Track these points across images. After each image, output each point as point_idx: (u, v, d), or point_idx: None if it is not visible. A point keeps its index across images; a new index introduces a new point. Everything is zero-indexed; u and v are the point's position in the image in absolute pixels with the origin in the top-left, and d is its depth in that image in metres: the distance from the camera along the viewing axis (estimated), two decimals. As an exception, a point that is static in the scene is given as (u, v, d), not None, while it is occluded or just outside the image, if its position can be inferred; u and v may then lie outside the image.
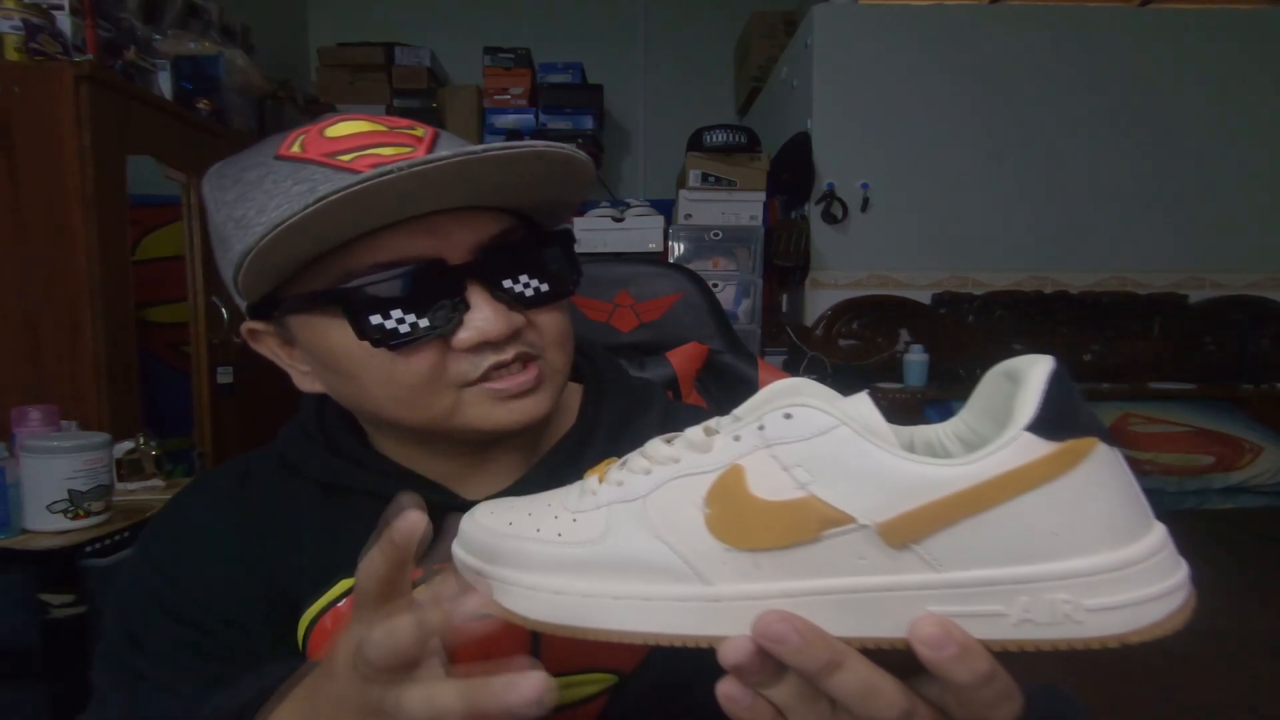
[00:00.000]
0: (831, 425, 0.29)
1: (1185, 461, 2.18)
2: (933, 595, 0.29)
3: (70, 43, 1.72)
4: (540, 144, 0.44)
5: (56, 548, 1.24)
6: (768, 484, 0.30)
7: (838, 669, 0.29)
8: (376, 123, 0.49)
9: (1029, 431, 0.28)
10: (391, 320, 0.47)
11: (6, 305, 1.65)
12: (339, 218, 0.43)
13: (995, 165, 2.77)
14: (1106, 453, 0.28)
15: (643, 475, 0.33)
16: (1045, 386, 0.28)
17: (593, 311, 0.87)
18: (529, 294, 0.49)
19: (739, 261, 2.65)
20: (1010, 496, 0.28)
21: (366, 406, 0.52)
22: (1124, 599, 0.28)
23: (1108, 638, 0.28)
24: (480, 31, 3.70)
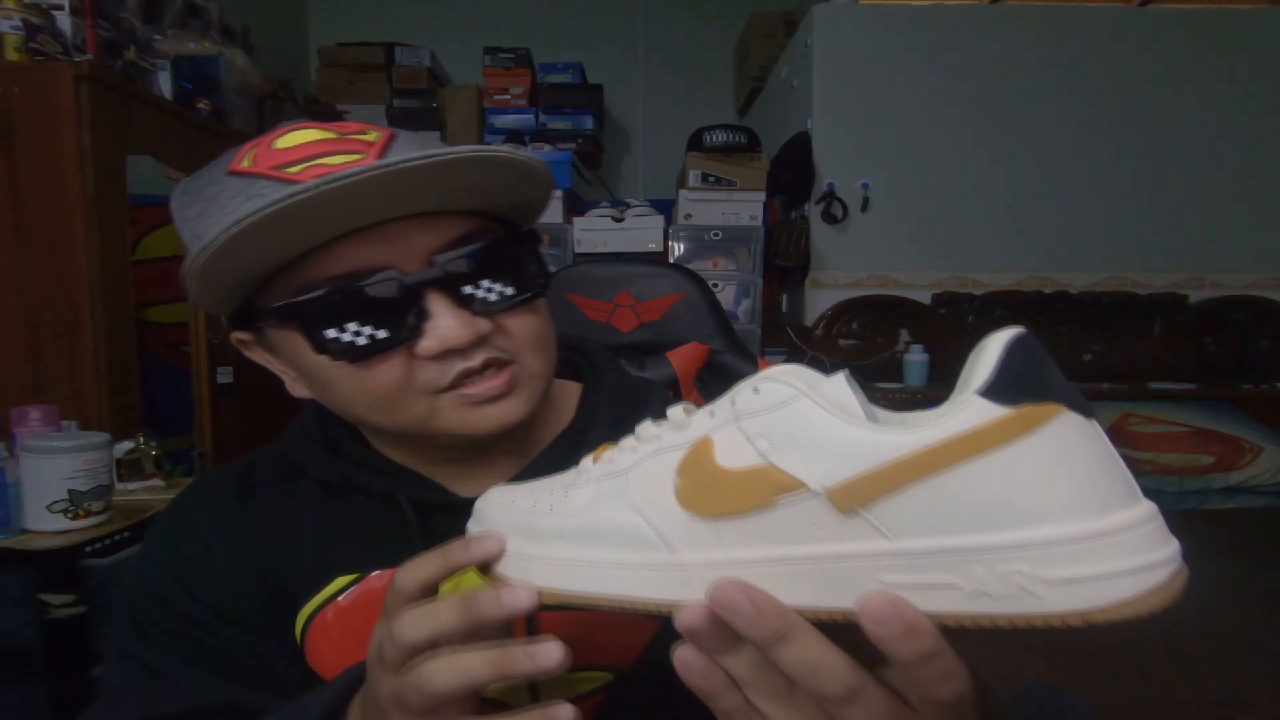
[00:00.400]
0: (793, 396, 0.30)
1: (1185, 461, 2.18)
2: (885, 565, 0.28)
3: (70, 43, 1.72)
4: (470, 149, 0.44)
5: (56, 548, 1.24)
6: (733, 454, 0.31)
7: (787, 642, 0.29)
8: (327, 130, 0.49)
9: (981, 396, 0.27)
10: (348, 333, 0.46)
11: (6, 305, 1.65)
12: (277, 233, 0.42)
13: (995, 165, 2.77)
14: (1075, 421, 0.27)
15: (630, 453, 0.35)
16: (1002, 353, 0.28)
17: (593, 311, 0.87)
18: (494, 299, 0.49)
19: (739, 261, 2.65)
20: (958, 461, 0.27)
21: (348, 412, 0.52)
22: (1088, 572, 0.26)
23: (1069, 614, 0.26)
24: (480, 31, 3.71)
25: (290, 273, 0.47)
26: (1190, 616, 1.41)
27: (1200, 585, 0.29)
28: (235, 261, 0.44)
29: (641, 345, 0.85)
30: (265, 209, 0.40)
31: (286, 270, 0.47)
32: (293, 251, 0.46)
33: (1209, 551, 1.73)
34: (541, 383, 0.52)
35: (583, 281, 0.88)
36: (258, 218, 0.40)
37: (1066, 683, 1.13)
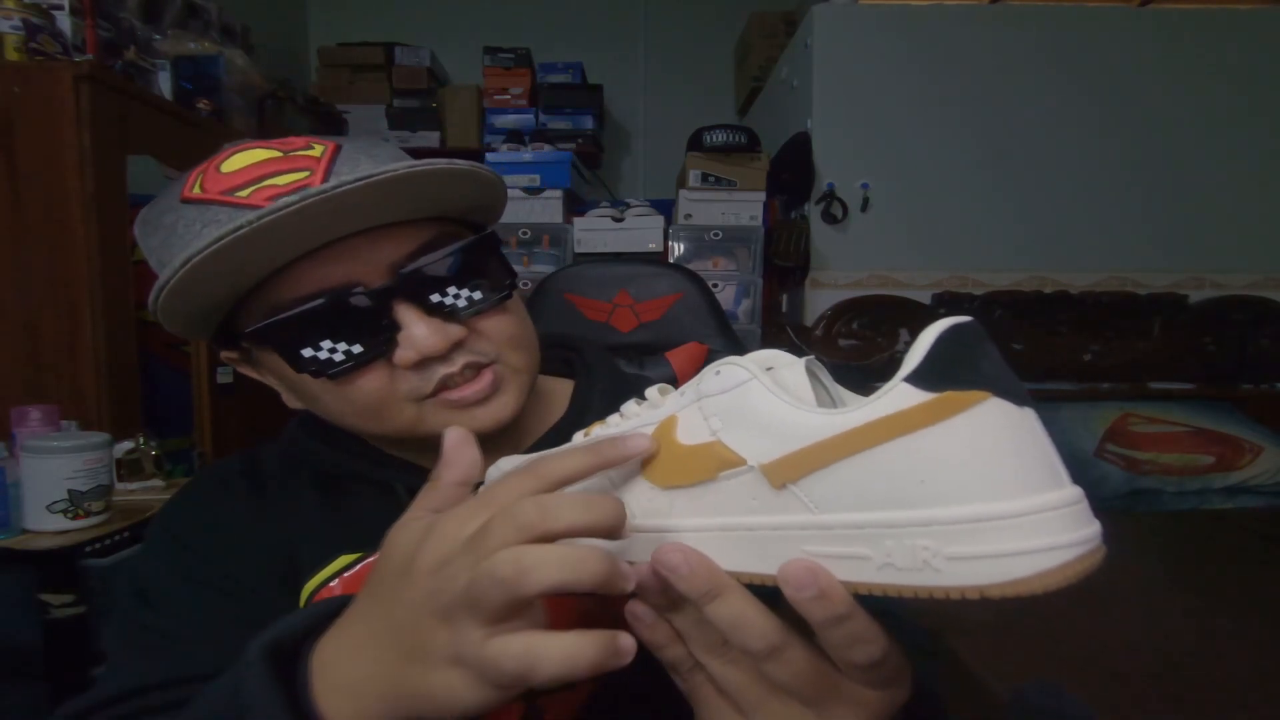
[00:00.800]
0: (745, 379, 0.33)
1: (1185, 461, 2.18)
2: (809, 535, 0.31)
3: (70, 43, 1.72)
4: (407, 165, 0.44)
5: (56, 548, 1.25)
6: (691, 431, 0.34)
7: (716, 598, 0.32)
8: (272, 149, 0.49)
9: (906, 381, 0.29)
10: (324, 351, 0.47)
11: (6, 305, 1.65)
12: (231, 262, 0.43)
13: (995, 165, 2.77)
14: (1002, 408, 0.28)
15: (613, 429, 0.38)
16: (933, 342, 0.29)
17: (592, 311, 0.87)
18: (462, 304, 0.49)
19: (739, 261, 2.65)
20: (880, 442, 0.29)
21: (339, 422, 0.53)
22: (987, 550, 0.27)
23: (966, 588, 0.28)
24: (480, 31, 3.70)
25: (260, 293, 0.48)
26: (1190, 616, 1.41)
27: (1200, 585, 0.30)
28: (196, 294, 0.45)
29: (641, 345, 0.85)
30: (208, 247, 0.41)
31: (257, 291, 0.48)
32: (254, 276, 0.46)
33: (1209, 551, 1.73)
34: (526, 377, 0.53)
35: (582, 281, 0.89)
36: (202, 256, 0.41)
37: (1066, 683, 1.13)
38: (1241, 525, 1.92)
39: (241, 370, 0.56)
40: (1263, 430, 2.33)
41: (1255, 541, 1.80)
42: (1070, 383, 2.64)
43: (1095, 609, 1.39)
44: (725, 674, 0.34)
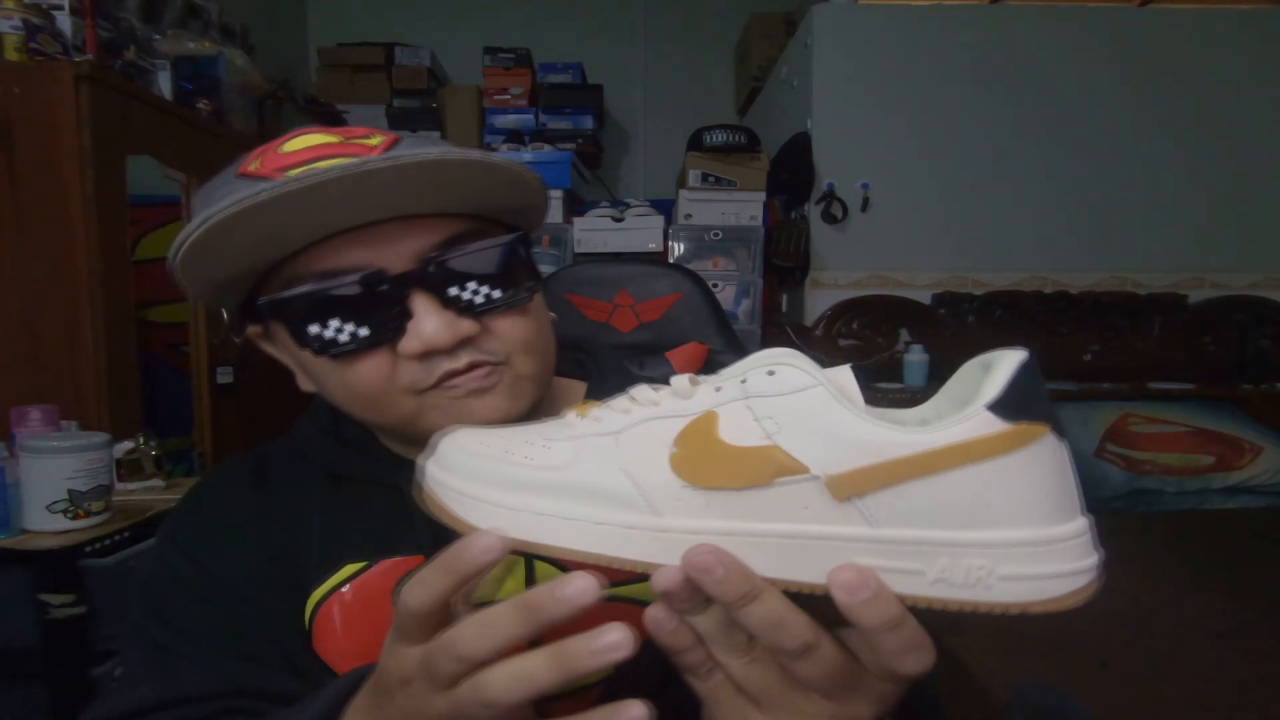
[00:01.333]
0: (809, 384, 0.32)
1: (1185, 461, 2.18)
2: (862, 549, 0.31)
3: (70, 43, 1.72)
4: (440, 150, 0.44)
5: (56, 548, 1.24)
6: (737, 431, 0.32)
7: (753, 601, 0.31)
8: (332, 134, 0.49)
9: (989, 410, 0.30)
10: (330, 330, 0.47)
11: (6, 305, 1.65)
12: (250, 230, 0.43)
13: (995, 165, 2.77)
14: (1054, 441, 0.31)
15: (622, 414, 0.35)
16: (1014, 373, 0.31)
17: (592, 311, 0.87)
18: (479, 300, 0.49)
19: (739, 261, 2.65)
20: (956, 465, 0.30)
21: (341, 407, 0.53)
22: (1033, 572, 0.30)
23: (1011, 604, 0.30)
24: (480, 31, 3.70)
25: (283, 268, 0.48)
26: (1190, 616, 1.41)
27: (1200, 585, 0.31)
28: (214, 259, 0.45)
29: (641, 345, 0.85)
30: (223, 210, 0.41)
31: (281, 266, 0.48)
32: (279, 249, 0.47)
33: (1209, 551, 1.73)
34: (531, 385, 0.52)
35: (582, 281, 0.89)
36: (219, 217, 0.42)
37: (1066, 683, 1.13)
38: (1241, 525, 1.92)
39: (262, 347, 0.55)
40: (1263, 430, 2.33)
41: (1255, 541, 1.80)
42: (1070, 383, 2.64)
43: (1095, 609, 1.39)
44: (749, 673, 0.34)
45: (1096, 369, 2.75)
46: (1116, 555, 0.32)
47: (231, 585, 0.53)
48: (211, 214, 0.42)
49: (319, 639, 0.52)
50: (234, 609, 0.53)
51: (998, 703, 1.06)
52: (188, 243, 0.43)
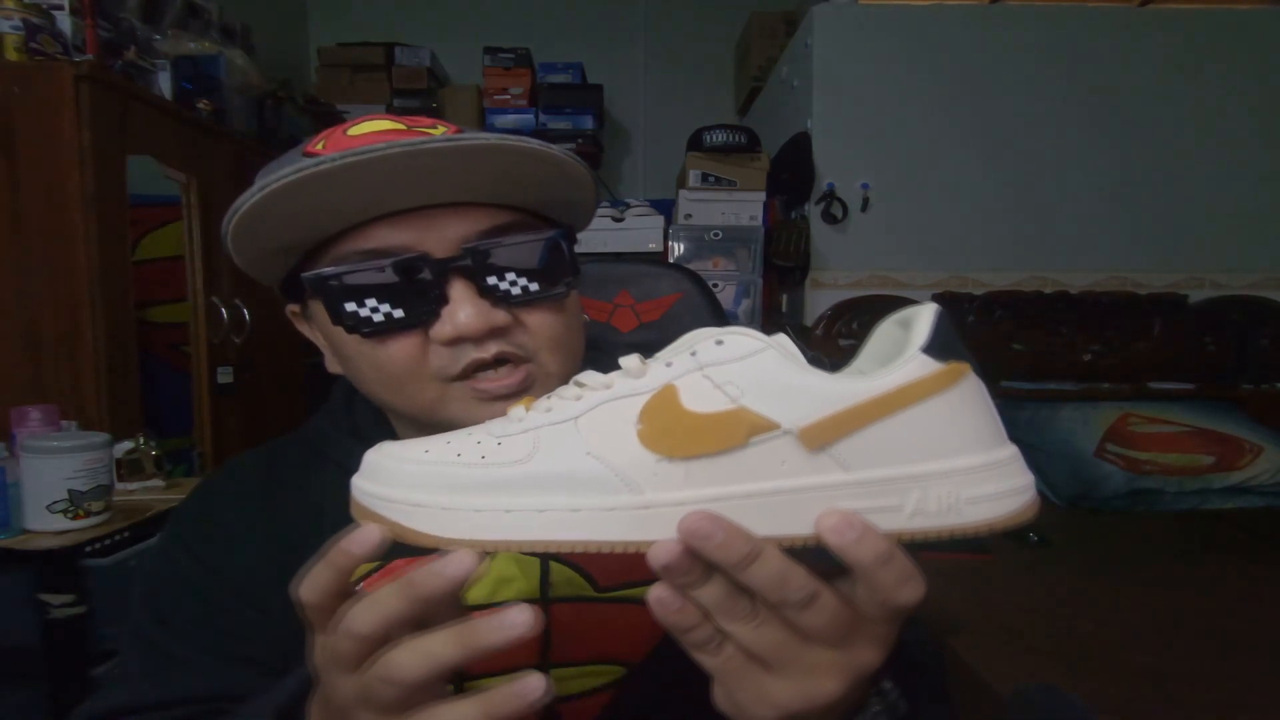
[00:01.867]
0: (760, 348, 0.34)
1: (1185, 461, 2.18)
2: (842, 494, 0.33)
3: (70, 43, 1.72)
4: (498, 137, 0.45)
5: (56, 548, 1.25)
6: (701, 399, 0.34)
7: (756, 559, 0.32)
8: (399, 122, 0.50)
9: (924, 353, 0.33)
10: (366, 308, 0.48)
11: (6, 305, 1.65)
12: (304, 201, 0.44)
13: (995, 165, 2.77)
14: (975, 378, 0.34)
15: (573, 401, 0.36)
16: (935, 321, 0.34)
17: (593, 311, 0.87)
18: (516, 292, 0.49)
19: (739, 261, 2.65)
20: (908, 404, 0.33)
21: (364, 389, 0.54)
22: (991, 491, 0.33)
23: (980, 524, 0.33)
24: (480, 31, 3.70)
25: (329, 246, 0.49)
26: (1190, 616, 1.40)
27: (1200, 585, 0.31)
28: (269, 227, 0.46)
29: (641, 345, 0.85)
30: (286, 176, 0.43)
31: (326, 244, 0.49)
32: (330, 224, 0.48)
33: (1209, 551, 1.73)
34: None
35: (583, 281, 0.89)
36: (278, 185, 0.43)
37: (1066, 683, 1.13)
38: (1241, 525, 1.92)
39: (298, 326, 0.56)
40: (1263, 430, 2.32)
41: (1255, 541, 1.80)
42: (1070, 383, 2.64)
43: (1095, 609, 1.39)
44: (758, 637, 0.34)
45: (1096, 369, 2.75)
46: (1117, 555, 0.33)
47: (237, 586, 0.53)
48: (270, 181, 0.43)
49: None
50: (237, 610, 0.52)
51: (998, 703, 1.06)
52: (244, 208, 0.44)
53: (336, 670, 0.35)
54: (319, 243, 0.49)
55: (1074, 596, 1.45)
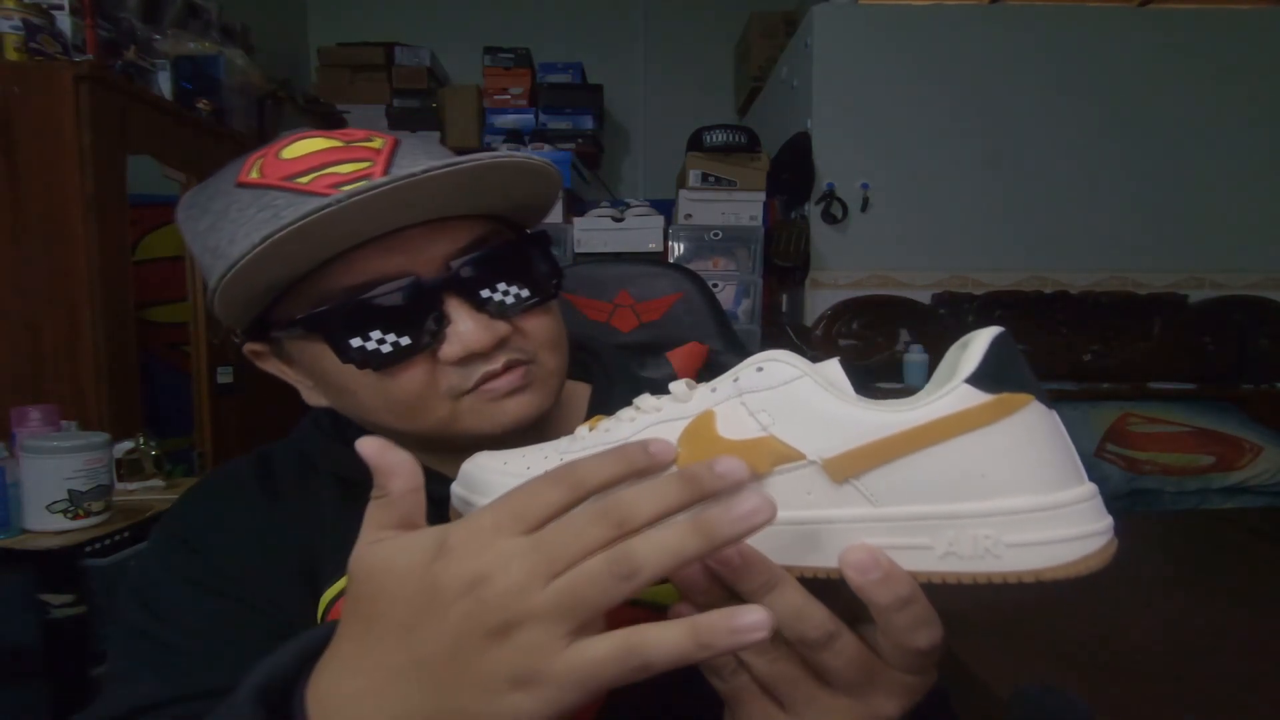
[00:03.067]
0: (796, 376, 0.33)
1: (1185, 461, 2.18)
2: (868, 528, 0.32)
3: (70, 43, 1.72)
4: (491, 157, 0.44)
5: (56, 548, 1.25)
6: (735, 426, 0.34)
7: (773, 590, 0.31)
8: (332, 138, 0.49)
9: (967, 383, 0.31)
10: (372, 341, 0.47)
11: (6, 305, 1.65)
12: (304, 244, 0.43)
13: (995, 165, 2.77)
14: (1040, 410, 0.32)
15: (629, 423, 0.37)
16: (987, 347, 0.32)
17: (593, 311, 0.87)
18: (510, 301, 0.49)
19: (739, 261, 2.65)
20: (944, 439, 0.31)
21: (369, 419, 0.52)
22: (1041, 538, 0.30)
23: (1023, 572, 0.31)
24: (480, 31, 3.70)
25: (307, 284, 0.47)
26: (1190, 616, 1.40)
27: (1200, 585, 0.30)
28: (260, 276, 0.44)
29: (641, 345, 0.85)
30: (296, 221, 0.40)
31: (302, 282, 0.47)
32: (309, 264, 0.46)
33: (1209, 551, 1.73)
34: (556, 380, 0.53)
35: (583, 281, 0.88)
36: (290, 230, 0.40)
37: (1066, 683, 1.13)
38: (1241, 525, 1.92)
39: (261, 365, 0.54)
40: (1263, 430, 2.33)
41: (1255, 541, 1.80)
42: (1070, 383, 2.64)
43: (1095, 609, 1.39)
44: (773, 671, 0.33)
45: (1096, 369, 2.75)
46: (1117, 555, 0.32)
47: (242, 579, 0.52)
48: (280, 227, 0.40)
49: None
50: (243, 603, 0.51)
51: (998, 703, 1.06)
52: (244, 262, 0.42)
53: (535, 569, 0.29)
54: (291, 281, 0.47)
55: (1074, 597, 1.44)
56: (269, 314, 0.50)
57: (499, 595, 0.29)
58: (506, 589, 0.28)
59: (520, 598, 0.28)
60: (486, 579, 0.29)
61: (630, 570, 0.28)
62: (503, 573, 0.29)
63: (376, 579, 0.31)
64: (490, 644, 0.29)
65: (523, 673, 0.28)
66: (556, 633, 0.28)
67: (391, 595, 0.31)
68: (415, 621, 0.30)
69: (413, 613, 0.30)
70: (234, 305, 0.47)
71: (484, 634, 0.29)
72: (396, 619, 0.30)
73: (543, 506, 0.30)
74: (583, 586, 0.28)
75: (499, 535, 0.30)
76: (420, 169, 0.42)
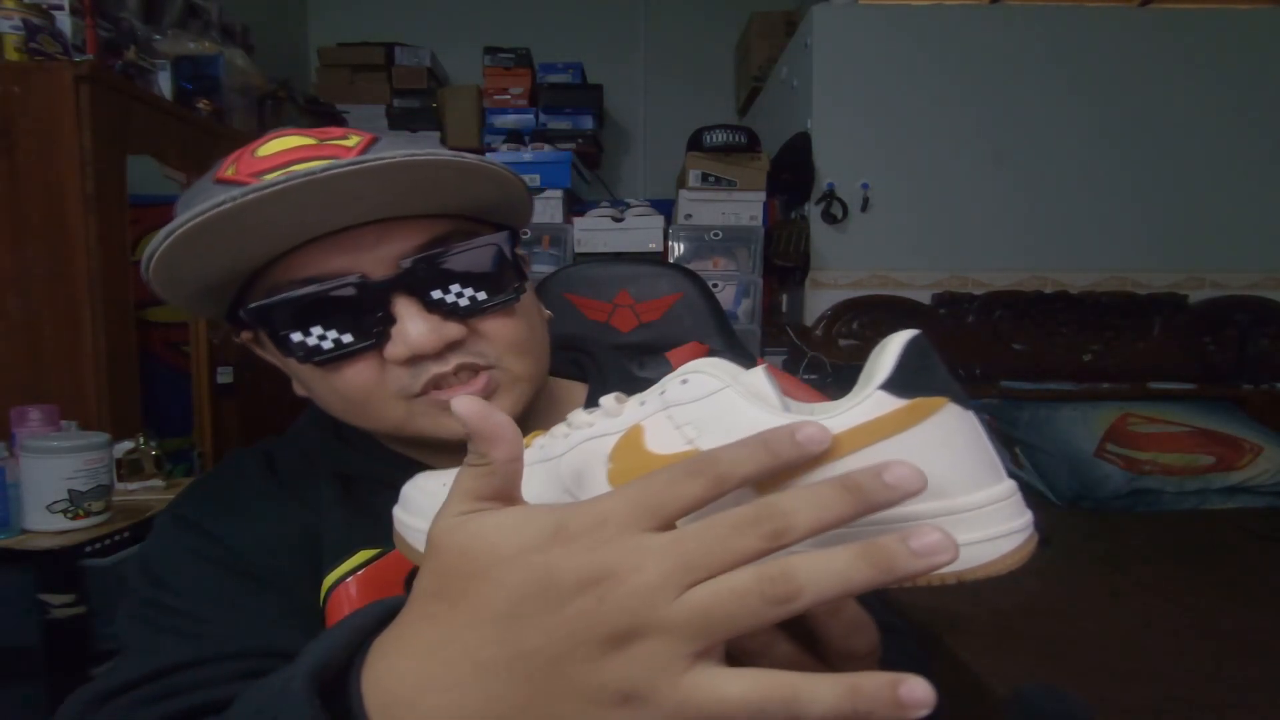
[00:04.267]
0: (718, 388, 0.33)
1: (1185, 461, 2.18)
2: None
3: (70, 43, 1.72)
4: (405, 154, 0.43)
5: (56, 548, 1.24)
6: (662, 440, 0.33)
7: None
8: (308, 136, 0.49)
9: (881, 389, 0.31)
10: (313, 337, 0.47)
11: (6, 305, 1.65)
12: (223, 237, 0.43)
13: (995, 165, 2.77)
14: (956, 412, 0.31)
15: (562, 439, 0.36)
16: (900, 353, 0.32)
17: (593, 311, 0.87)
18: (464, 303, 0.48)
19: (739, 261, 2.65)
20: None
21: (332, 413, 0.53)
22: (963, 539, 0.29)
23: (945, 574, 0.29)
24: (480, 31, 3.70)
25: (264, 275, 0.48)
26: (1190, 616, 1.41)
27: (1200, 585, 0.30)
28: (188, 267, 0.45)
29: (641, 345, 0.85)
30: (188, 221, 0.41)
31: (262, 273, 0.48)
32: (253, 255, 0.46)
33: (1209, 551, 1.73)
34: (526, 386, 0.52)
35: (582, 281, 0.89)
36: (184, 230, 0.41)
37: (1066, 683, 1.13)
38: (1241, 525, 1.93)
39: (259, 353, 0.55)
40: (1263, 430, 2.32)
41: (1255, 541, 1.80)
42: (1070, 383, 2.64)
43: (1095, 609, 1.39)
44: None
45: (1096, 369, 2.75)
46: (1117, 555, 0.32)
47: (252, 556, 0.52)
48: (175, 227, 0.41)
49: (331, 622, 0.51)
50: (255, 577, 0.51)
51: (998, 703, 1.06)
52: (157, 254, 0.43)
53: (653, 570, 0.25)
54: (253, 272, 0.48)
55: (1074, 596, 1.45)
56: (237, 303, 0.50)
57: (625, 597, 0.25)
58: (634, 591, 0.25)
59: (650, 604, 0.25)
60: (612, 576, 0.26)
61: (788, 594, 0.24)
62: (634, 572, 0.25)
63: (475, 557, 0.28)
64: (605, 651, 0.26)
65: (636, 689, 0.25)
66: (683, 651, 0.25)
67: (495, 580, 0.27)
68: (520, 613, 0.27)
69: (518, 603, 0.27)
70: (177, 291, 0.47)
71: (600, 639, 0.25)
72: (496, 607, 0.27)
73: (679, 499, 0.27)
74: (726, 603, 0.25)
75: (629, 528, 0.26)
76: (340, 164, 0.41)
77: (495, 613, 0.27)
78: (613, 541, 0.26)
